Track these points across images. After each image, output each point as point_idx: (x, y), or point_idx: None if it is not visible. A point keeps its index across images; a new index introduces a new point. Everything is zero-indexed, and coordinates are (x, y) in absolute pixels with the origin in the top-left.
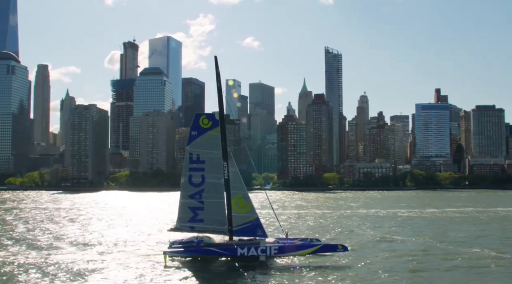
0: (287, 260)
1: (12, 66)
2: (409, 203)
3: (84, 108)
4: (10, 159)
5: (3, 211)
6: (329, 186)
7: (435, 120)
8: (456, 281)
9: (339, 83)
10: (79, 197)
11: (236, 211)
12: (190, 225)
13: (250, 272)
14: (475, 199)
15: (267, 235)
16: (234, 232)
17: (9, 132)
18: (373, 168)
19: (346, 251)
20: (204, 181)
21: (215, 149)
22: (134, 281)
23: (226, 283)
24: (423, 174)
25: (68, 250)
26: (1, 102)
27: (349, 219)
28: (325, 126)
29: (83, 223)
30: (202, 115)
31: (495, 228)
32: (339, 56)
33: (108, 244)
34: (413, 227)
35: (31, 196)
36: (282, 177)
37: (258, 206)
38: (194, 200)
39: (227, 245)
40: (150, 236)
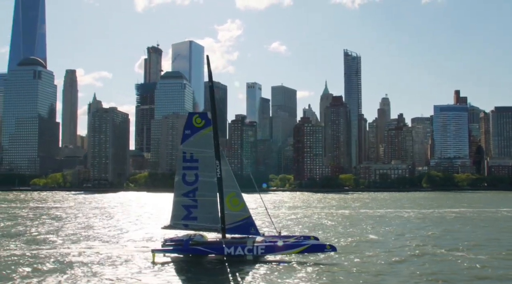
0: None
1: (39, 71)
2: (403, 204)
3: (104, 111)
4: (36, 160)
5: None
6: (345, 187)
7: (454, 121)
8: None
9: (358, 85)
10: (87, 197)
11: (230, 209)
12: (184, 223)
13: (237, 269)
14: (482, 200)
15: (260, 233)
16: (228, 230)
17: (36, 135)
18: (389, 169)
19: (334, 251)
20: (198, 179)
21: (208, 148)
22: (119, 276)
23: (212, 280)
24: (440, 175)
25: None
26: (27, 106)
27: (328, 217)
28: (343, 128)
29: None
30: (195, 114)
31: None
32: (358, 59)
33: (106, 240)
34: (386, 226)
35: (40, 196)
36: (299, 178)
37: (271, 206)
38: (187, 198)
39: (215, 244)
40: (147, 233)
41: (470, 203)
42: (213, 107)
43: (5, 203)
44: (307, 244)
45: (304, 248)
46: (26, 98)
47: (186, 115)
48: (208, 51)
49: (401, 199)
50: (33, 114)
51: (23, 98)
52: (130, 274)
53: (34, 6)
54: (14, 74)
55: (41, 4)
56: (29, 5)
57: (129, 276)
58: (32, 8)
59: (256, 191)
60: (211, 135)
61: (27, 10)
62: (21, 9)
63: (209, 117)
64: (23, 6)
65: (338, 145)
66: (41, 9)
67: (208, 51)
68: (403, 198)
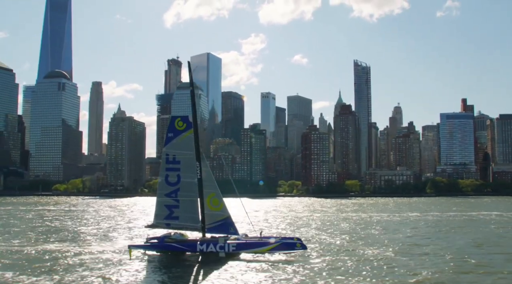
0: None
1: (63, 83)
2: (390, 208)
3: (121, 120)
4: (60, 167)
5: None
6: (351, 193)
7: (460, 129)
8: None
9: (368, 94)
10: (95, 201)
11: (210, 209)
12: (166, 222)
13: (209, 266)
14: (475, 205)
15: (239, 233)
16: (208, 229)
17: (59, 143)
18: (394, 175)
19: (304, 249)
20: (180, 180)
21: (189, 150)
22: (93, 272)
23: (180, 275)
24: (444, 181)
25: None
26: (52, 116)
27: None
28: (352, 135)
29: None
30: (177, 118)
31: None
32: (368, 68)
33: (91, 238)
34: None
35: (52, 200)
36: (306, 184)
37: (285, 209)
38: (170, 198)
39: (189, 241)
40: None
41: (453, 207)
42: (193, 111)
43: (11, 205)
44: (277, 242)
45: (274, 246)
46: (51, 108)
47: (199, 124)
48: (233, 63)
49: (391, 203)
50: (57, 124)
51: (48, 108)
52: (102, 268)
53: (61, 21)
54: (40, 86)
55: (67, 19)
56: (56, 21)
57: (104, 272)
58: (59, 23)
59: (236, 195)
60: (192, 137)
61: (55, 26)
62: (50, 25)
63: (190, 120)
64: (51, 21)
65: (347, 152)
66: (68, 24)
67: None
68: (400, 203)
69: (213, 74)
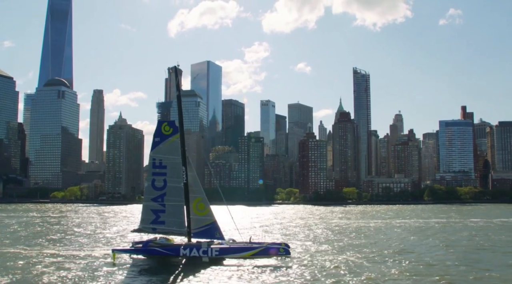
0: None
1: (62, 91)
2: (382, 215)
3: (118, 128)
4: (59, 175)
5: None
6: (348, 200)
7: (459, 136)
8: None
9: (368, 102)
10: (88, 208)
11: (196, 214)
12: (152, 226)
13: (191, 270)
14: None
15: (224, 238)
16: (194, 234)
17: (59, 150)
18: (392, 183)
19: (288, 254)
20: (166, 185)
21: (175, 155)
22: (74, 276)
23: (161, 279)
24: (442, 188)
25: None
26: (51, 124)
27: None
28: (350, 143)
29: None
30: (164, 123)
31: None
32: (367, 76)
33: (78, 243)
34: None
35: (44, 207)
36: (303, 192)
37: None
38: (156, 203)
39: (172, 246)
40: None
41: (440, 214)
42: (180, 116)
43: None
44: (261, 247)
45: (258, 251)
46: (51, 116)
47: (197, 132)
48: (236, 72)
49: (381, 211)
50: (57, 131)
51: (48, 116)
52: (85, 271)
53: (62, 31)
54: (40, 94)
55: (68, 29)
56: (57, 30)
57: (85, 275)
58: (60, 32)
59: (223, 202)
60: (178, 142)
61: (55, 35)
62: (50, 34)
63: (177, 125)
64: (52, 31)
65: (346, 159)
66: (68, 33)
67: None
68: (388, 210)
69: (214, 82)
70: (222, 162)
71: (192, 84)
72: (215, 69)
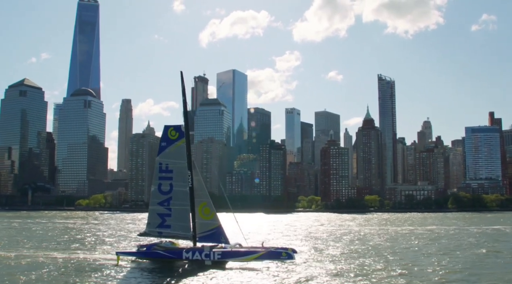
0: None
1: (89, 100)
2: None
3: (141, 136)
4: (85, 183)
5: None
6: (370, 208)
7: (485, 142)
8: None
9: (393, 109)
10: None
11: (202, 218)
12: (158, 230)
13: (194, 273)
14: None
15: (229, 242)
16: (199, 238)
17: (85, 159)
18: (415, 190)
19: (291, 259)
20: (172, 189)
21: (181, 159)
22: (81, 276)
23: (165, 281)
24: (468, 196)
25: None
26: (78, 133)
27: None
28: (374, 150)
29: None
30: (170, 127)
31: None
32: (392, 83)
33: (84, 247)
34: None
35: (65, 215)
36: (325, 199)
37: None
38: (162, 207)
39: (175, 249)
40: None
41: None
42: (185, 120)
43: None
44: (263, 251)
45: (260, 255)
46: (77, 125)
47: (221, 140)
48: (268, 80)
49: (399, 218)
50: (83, 140)
51: (74, 125)
52: (90, 274)
53: (89, 42)
54: (67, 104)
55: (95, 40)
56: (85, 41)
57: (90, 277)
58: (88, 44)
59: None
60: (184, 146)
61: (83, 46)
62: (78, 45)
63: (182, 130)
64: (80, 42)
65: (370, 167)
66: (96, 45)
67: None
68: (406, 218)
69: (239, 90)
70: (243, 170)
71: (218, 93)
72: (240, 78)
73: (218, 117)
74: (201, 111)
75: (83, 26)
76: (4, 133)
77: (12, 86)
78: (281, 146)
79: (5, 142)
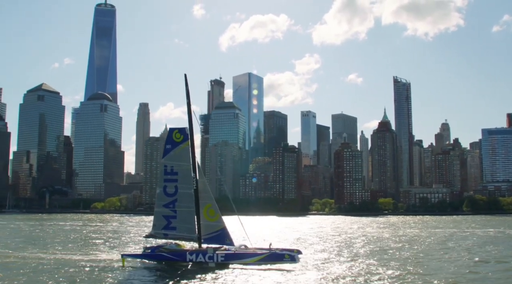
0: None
1: (105, 104)
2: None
3: (155, 140)
4: (101, 186)
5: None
6: (384, 211)
7: (503, 144)
8: None
9: (409, 111)
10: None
11: (207, 220)
12: (164, 232)
13: (198, 274)
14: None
15: (234, 244)
16: (204, 240)
17: (101, 162)
18: (430, 193)
19: (294, 261)
20: (177, 191)
21: (186, 161)
22: (86, 278)
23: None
24: (484, 199)
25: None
26: (94, 136)
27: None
28: (389, 153)
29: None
30: (174, 130)
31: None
32: (408, 85)
33: (90, 248)
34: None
35: (75, 217)
36: (338, 202)
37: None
38: (168, 209)
39: (179, 251)
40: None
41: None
42: (190, 123)
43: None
44: (266, 253)
45: (263, 257)
46: (94, 129)
47: (235, 143)
48: (287, 84)
49: (408, 221)
50: (100, 144)
51: (91, 129)
52: (95, 275)
53: (106, 47)
54: (84, 108)
55: (112, 45)
56: (101, 46)
57: (95, 279)
58: (105, 49)
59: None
60: (189, 149)
61: (100, 51)
62: (95, 50)
63: (187, 132)
64: (97, 47)
65: (385, 170)
66: (113, 50)
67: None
68: (412, 221)
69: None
70: (257, 173)
71: (234, 96)
72: (256, 81)
73: (233, 121)
74: (216, 115)
75: (100, 31)
76: (23, 137)
77: (30, 91)
78: (295, 149)
79: (24, 146)
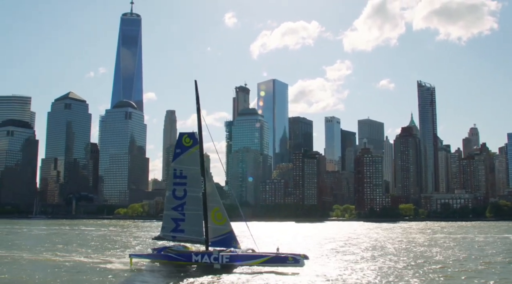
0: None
1: (130, 112)
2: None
3: None
4: (126, 192)
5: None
6: (405, 217)
7: None
8: None
9: (433, 116)
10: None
11: (214, 223)
12: (172, 234)
13: (204, 275)
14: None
15: (241, 248)
16: (212, 243)
17: (126, 169)
18: (452, 199)
19: (297, 263)
20: (186, 194)
21: (195, 165)
22: (95, 278)
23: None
24: (508, 204)
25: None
26: (119, 143)
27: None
28: (412, 158)
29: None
30: (184, 134)
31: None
32: (432, 89)
33: (100, 250)
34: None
35: (97, 222)
36: (359, 208)
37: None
38: (176, 212)
39: (185, 252)
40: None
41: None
42: (199, 127)
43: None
44: (270, 256)
45: (266, 259)
46: (119, 136)
47: (257, 149)
48: (319, 90)
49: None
50: (124, 150)
51: (116, 136)
52: (103, 275)
53: (132, 56)
54: (109, 115)
55: (138, 54)
56: (127, 55)
57: (104, 278)
58: (130, 58)
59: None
60: (198, 153)
61: (126, 60)
62: (121, 59)
63: (196, 137)
64: (123, 56)
65: (408, 175)
66: (138, 58)
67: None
68: (428, 227)
69: (280, 99)
70: (277, 179)
71: (259, 103)
72: (281, 87)
73: (255, 127)
74: (239, 121)
75: (126, 40)
76: (50, 145)
77: (57, 100)
78: (315, 154)
79: (52, 153)
